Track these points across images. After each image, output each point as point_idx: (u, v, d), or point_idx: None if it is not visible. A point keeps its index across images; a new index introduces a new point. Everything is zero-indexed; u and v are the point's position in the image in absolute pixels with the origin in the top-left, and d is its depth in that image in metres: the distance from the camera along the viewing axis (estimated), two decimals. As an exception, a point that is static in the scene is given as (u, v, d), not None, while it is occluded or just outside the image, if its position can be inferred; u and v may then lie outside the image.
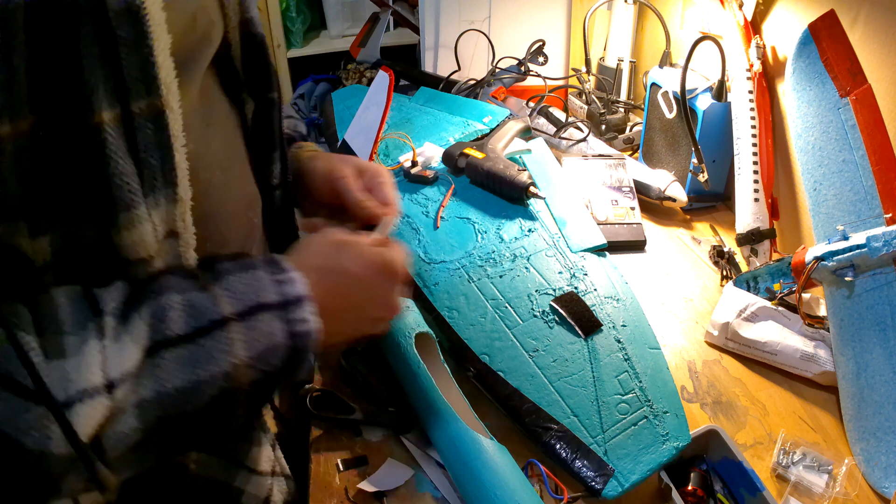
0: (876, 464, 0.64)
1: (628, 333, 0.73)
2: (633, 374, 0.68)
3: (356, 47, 1.56)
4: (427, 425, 0.65)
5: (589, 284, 0.78)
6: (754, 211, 0.90)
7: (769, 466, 0.65)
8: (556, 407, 0.66)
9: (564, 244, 0.84)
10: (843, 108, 0.74)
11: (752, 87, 0.93)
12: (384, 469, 0.64)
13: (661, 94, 1.05)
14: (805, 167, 0.78)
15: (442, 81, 1.32)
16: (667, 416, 0.65)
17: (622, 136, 1.23)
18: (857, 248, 0.68)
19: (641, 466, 0.61)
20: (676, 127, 1.05)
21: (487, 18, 1.38)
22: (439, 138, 1.08)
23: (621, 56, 1.31)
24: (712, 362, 0.78)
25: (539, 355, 0.70)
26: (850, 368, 0.70)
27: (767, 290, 0.83)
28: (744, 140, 0.92)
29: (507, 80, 1.30)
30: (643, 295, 0.85)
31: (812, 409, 0.72)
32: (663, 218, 1.04)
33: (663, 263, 0.93)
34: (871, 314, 0.69)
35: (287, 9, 1.81)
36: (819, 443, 0.68)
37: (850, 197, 0.73)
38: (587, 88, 1.30)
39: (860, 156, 0.72)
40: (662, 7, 1.20)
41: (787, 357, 0.74)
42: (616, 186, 1.01)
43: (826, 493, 0.63)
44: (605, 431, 0.64)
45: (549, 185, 0.94)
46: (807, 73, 0.78)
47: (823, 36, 0.77)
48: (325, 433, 0.68)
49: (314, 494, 0.62)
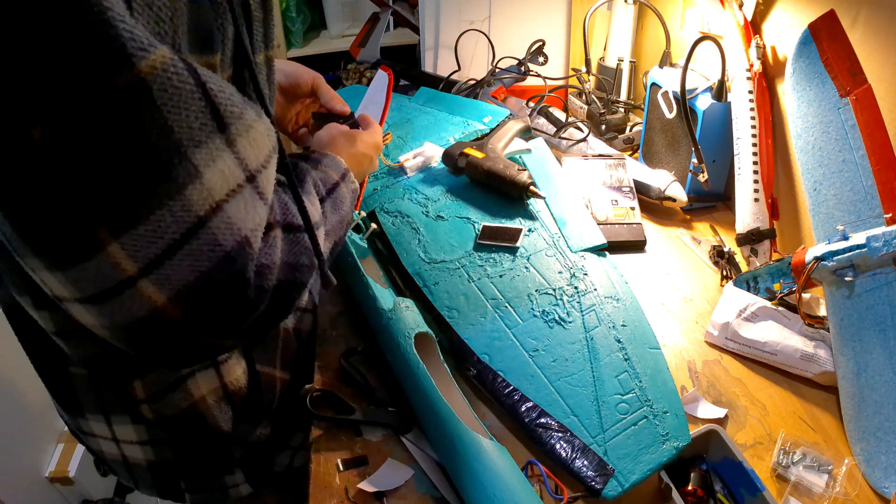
0: (876, 464, 0.64)
1: (628, 333, 0.73)
2: (633, 374, 0.68)
3: (356, 47, 1.56)
4: (426, 425, 0.65)
5: (589, 284, 0.78)
6: (754, 211, 0.90)
7: (769, 466, 0.65)
8: (556, 407, 0.66)
9: (564, 244, 0.84)
10: (843, 108, 0.74)
11: (752, 87, 0.93)
12: (384, 469, 0.64)
13: (661, 94, 1.05)
14: (805, 167, 0.78)
15: (442, 81, 1.32)
16: (667, 416, 0.65)
17: (622, 136, 1.23)
18: (857, 248, 0.68)
19: (641, 466, 0.61)
20: (676, 127, 1.05)
21: (487, 18, 1.38)
22: (439, 138, 1.08)
23: (621, 56, 1.31)
24: (712, 362, 0.78)
25: (539, 355, 0.70)
26: (850, 368, 0.70)
27: (767, 290, 0.83)
28: (744, 140, 0.92)
29: (507, 80, 1.30)
30: (643, 295, 0.85)
31: (812, 409, 0.72)
32: (663, 218, 1.04)
33: (663, 263, 0.93)
34: (871, 314, 0.69)
35: (287, 9, 1.81)
36: (819, 443, 0.68)
37: (850, 197, 0.73)
38: (587, 88, 1.30)
39: (860, 156, 0.72)
40: (662, 7, 1.20)
41: (787, 357, 0.74)
42: (616, 186, 1.01)
43: (826, 493, 0.63)
44: (605, 431, 0.64)
45: (549, 184, 0.94)
46: (807, 73, 0.78)
47: (823, 36, 0.77)
48: (325, 433, 0.68)
49: (314, 494, 0.62)
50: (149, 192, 0.37)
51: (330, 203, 0.60)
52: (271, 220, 0.47)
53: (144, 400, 0.63)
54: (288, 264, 0.48)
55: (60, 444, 1.53)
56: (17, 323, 0.65)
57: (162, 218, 0.38)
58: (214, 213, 0.40)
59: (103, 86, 0.34)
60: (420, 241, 0.86)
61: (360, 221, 0.87)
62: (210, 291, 0.41)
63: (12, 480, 1.38)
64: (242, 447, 0.72)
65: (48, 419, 1.52)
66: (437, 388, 0.64)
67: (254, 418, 0.72)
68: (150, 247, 0.38)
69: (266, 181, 0.45)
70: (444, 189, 0.95)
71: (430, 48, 1.43)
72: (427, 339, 0.70)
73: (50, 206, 0.36)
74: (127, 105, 0.35)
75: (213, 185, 0.39)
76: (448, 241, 0.86)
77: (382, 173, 1.01)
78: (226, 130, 0.40)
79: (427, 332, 0.70)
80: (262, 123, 0.44)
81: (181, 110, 0.37)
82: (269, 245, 0.46)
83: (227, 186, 0.40)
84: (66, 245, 0.37)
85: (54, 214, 0.36)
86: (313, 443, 0.67)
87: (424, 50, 1.43)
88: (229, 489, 0.75)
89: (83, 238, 0.37)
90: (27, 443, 1.45)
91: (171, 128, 0.37)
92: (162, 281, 0.39)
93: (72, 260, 0.38)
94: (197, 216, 0.39)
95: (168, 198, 0.38)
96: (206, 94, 0.39)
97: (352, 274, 0.80)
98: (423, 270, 0.82)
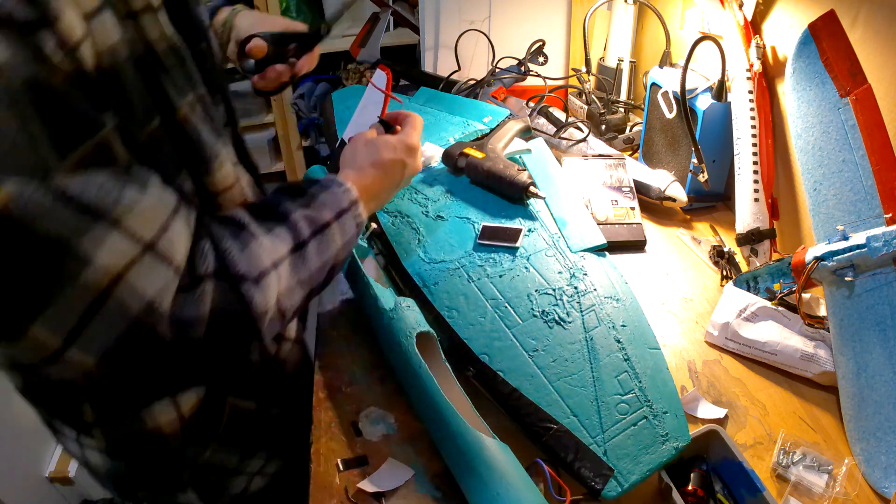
0: (876, 464, 0.64)
1: (628, 333, 0.73)
2: (633, 374, 0.68)
3: (356, 47, 1.56)
4: (429, 425, 0.65)
5: (589, 284, 0.78)
6: (754, 211, 0.90)
7: (769, 466, 0.65)
8: (556, 407, 0.66)
9: (564, 244, 0.84)
10: (843, 108, 0.74)
11: (752, 87, 0.93)
12: (384, 469, 0.64)
13: (661, 94, 1.05)
14: (805, 167, 0.78)
15: (442, 81, 1.32)
16: (666, 416, 0.64)
17: (622, 136, 1.23)
18: (857, 248, 0.68)
19: (641, 467, 0.61)
20: (676, 127, 1.05)
21: (487, 18, 1.38)
22: (439, 138, 1.08)
23: (621, 56, 1.31)
24: (712, 362, 0.78)
25: (539, 355, 0.70)
26: (850, 368, 0.70)
27: (767, 290, 0.83)
28: (744, 140, 0.92)
29: (507, 80, 1.30)
30: (643, 295, 0.85)
31: (812, 409, 0.72)
32: (663, 218, 1.04)
33: (663, 263, 0.93)
34: (871, 314, 0.69)
35: (287, 9, 1.81)
36: (819, 443, 0.68)
37: (850, 197, 0.73)
38: (587, 88, 1.30)
39: (860, 156, 0.72)
40: (662, 7, 1.20)
41: (787, 357, 0.74)
42: (616, 186, 1.01)
43: (826, 493, 0.63)
44: (605, 431, 0.63)
45: (549, 185, 0.94)
46: (807, 73, 0.78)
47: (823, 36, 0.77)
48: (325, 433, 0.68)
49: (314, 494, 0.62)
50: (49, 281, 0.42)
51: (315, 244, 0.58)
52: (201, 271, 0.49)
53: (94, 423, 0.62)
54: (221, 311, 0.49)
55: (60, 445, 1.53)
56: None
57: (68, 296, 0.43)
58: (116, 284, 0.44)
59: None
60: (420, 241, 0.86)
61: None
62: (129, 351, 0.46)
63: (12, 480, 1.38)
64: (190, 469, 0.69)
65: (48, 419, 1.52)
66: (439, 388, 0.64)
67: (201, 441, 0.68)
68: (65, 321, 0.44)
69: (168, 245, 0.47)
70: (444, 189, 0.95)
71: (430, 48, 1.43)
72: (428, 338, 0.70)
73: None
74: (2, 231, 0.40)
75: (106, 263, 0.43)
76: (448, 241, 0.86)
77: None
78: (105, 217, 0.43)
79: (428, 332, 0.70)
80: (147, 198, 0.46)
81: (51, 220, 0.41)
82: (194, 298, 0.48)
83: (123, 260, 0.44)
84: None
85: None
86: (313, 443, 0.67)
87: (424, 50, 1.43)
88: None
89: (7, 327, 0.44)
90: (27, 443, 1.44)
91: (45, 236, 0.41)
92: (85, 346, 0.45)
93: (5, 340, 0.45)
94: (98, 290, 0.43)
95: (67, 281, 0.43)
96: (68, 200, 0.41)
97: (352, 274, 0.80)
98: (423, 270, 0.82)
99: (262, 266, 0.52)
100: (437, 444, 0.64)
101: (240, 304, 0.50)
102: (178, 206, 0.49)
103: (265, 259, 0.53)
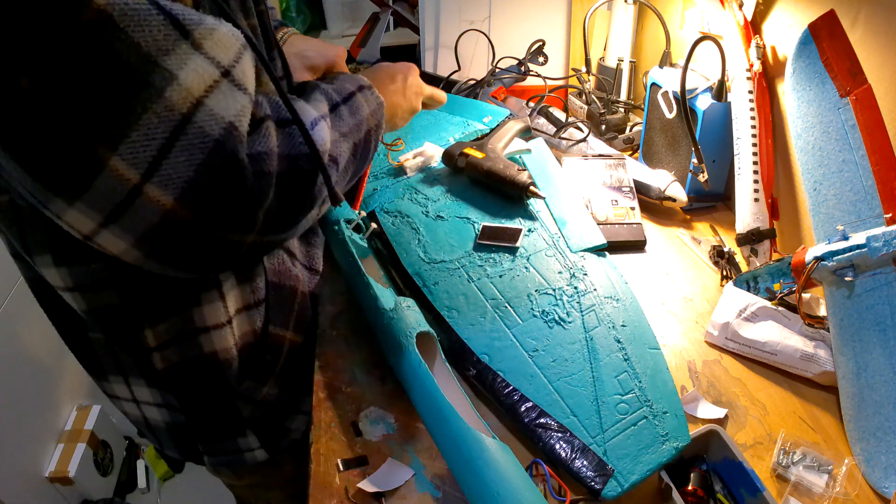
0: (876, 464, 0.64)
1: (628, 333, 0.73)
2: (633, 374, 0.68)
3: (356, 47, 1.56)
4: (429, 424, 0.65)
5: (589, 284, 0.78)
6: (754, 211, 0.90)
7: (769, 466, 0.65)
8: (556, 407, 0.66)
9: (564, 244, 0.84)
10: (843, 108, 0.74)
11: (752, 87, 0.93)
12: (384, 469, 0.64)
13: (661, 94, 1.05)
14: (805, 167, 0.78)
15: (442, 81, 1.32)
16: (666, 416, 0.64)
17: (622, 136, 1.23)
18: (857, 248, 0.68)
19: (641, 466, 0.61)
20: (676, 127, 1.05)
21: (487, 18, 1.38)
22: (439, 138, 1.08)
23: (621, 56, 1.31)
24: (712, 362, 0.78)
25: (539, 355, 0.70)
26: (850, 368, 0.70)
27: (767, 290, 0.83)
28: (744, 140, 0.92)
29: (507, 80, 1.30)
30: (643, 295, 0.85)
31: (812, 409, 0.72)
32: (663, 218, 1.04)
33: (663, 263, 0.93)
34: (871, 314, 0.69)
35: (287, 9, 1.81)
36: (819, 443, 0.68)
37: (850, 197, 0.73)
38: (587, 88, 1.30)
39: (860, 156, 0.72)
40: (662, 7, 1.20)
41: (787, 357, 0.74)
42: (616, 186, 1.01)
43: (826, 493, 0.63)
44: (605, 431, 0.63)
45: (549, 184, 0.94)
46: (807, 73, 0.78)
47: (823, 36, 0.77)
48: (325, 433, 0.68)
49: (314, 494, 0.62)
50: (132, 102, 0.42)
51: (347, 108, 0.64)
52: (261, 114, 0.52)
53: (155, 348, 0.64)
54: (287, 156, 0.52)
55: (60, 444, 1.53)
56: (42, 296, 0.68)
57: (149, 121, 0.43)
58: (197, 109, 0.45)
59: (72, 25, 0.40)
60: (420, 241, 0.86)
61: (360, 221, 0.87)
62: (210, 181, 0.46)
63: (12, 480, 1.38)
64: (249, 405, 0.73)
65: (48, 419, 1.52)
66: (439, 388, 0.64)
67: (258, 376, 0.73)
68: (144, 151, 0.43)
69: (242, 74, 0.48)
70: (444, 189, 0.95)
71: (430, 48, 1.43)
72: (428, 338, 0.70)
73: (52, 143, 0.42)
74: (96, 35, 0.41)
75: (189, 83, 0.44)
76: (448, 241, 0.86)
77: (382, 173, 1.01)
78: (189, 36, 0.45)
79: (428, 332, 0.70)
80: (223, 26, 0.48)
81: (143, 28, 0.42)
82: (261, 135, 0.51)
83: (204, 83, 0.45)
84: (75, 173, 0.43)
85: (58, 149, 0.42)
86: (313, 443, 0.67)
87: (424, 50, 1.43)
88: (244, 453, 0.76)
89: (86, 160, 0.43)
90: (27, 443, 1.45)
91: (138, 44, 0.42)
92: (164, 181, 0.44)
93: (84, 184, 0.44)
94: (181, 113, 0.44)
95: (150, 102, 0.43)
96: (161, 9, 0.43)
97: (352, 274, 0.80)
98: (423, 270, 0.82)
99: (311, 115, 0.57)
100: (437, 444, 0.64)
101: (300, 140, 0.53)
102: (246, 43, 0.50)
103: (311, 111, 0.58)
